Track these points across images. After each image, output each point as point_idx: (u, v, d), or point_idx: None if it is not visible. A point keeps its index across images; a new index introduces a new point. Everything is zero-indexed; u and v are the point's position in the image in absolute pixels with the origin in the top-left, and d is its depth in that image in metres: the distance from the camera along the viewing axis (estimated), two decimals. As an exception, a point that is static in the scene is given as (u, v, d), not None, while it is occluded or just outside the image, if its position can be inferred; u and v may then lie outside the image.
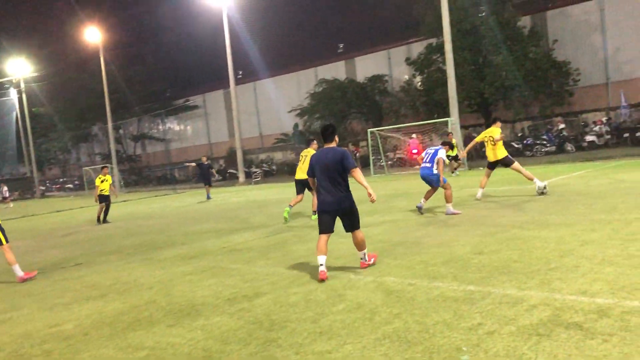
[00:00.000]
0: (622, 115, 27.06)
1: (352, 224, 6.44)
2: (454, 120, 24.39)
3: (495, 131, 11.48)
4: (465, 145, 26.13)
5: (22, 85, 49.91)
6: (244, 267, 7.47)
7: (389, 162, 28.99)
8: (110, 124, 43.23)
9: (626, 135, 25.16)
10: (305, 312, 5.06)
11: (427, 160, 10.47)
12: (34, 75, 49.74)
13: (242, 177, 35.56)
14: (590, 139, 25.82)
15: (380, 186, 19.63)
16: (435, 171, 10.28)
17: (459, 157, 20.11)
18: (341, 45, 47.27)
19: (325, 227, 6.44)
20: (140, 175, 52.66)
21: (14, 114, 56.63)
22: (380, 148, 28.28)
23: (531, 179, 11.53)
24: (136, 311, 5.72)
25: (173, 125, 56.87)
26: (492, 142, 11.41)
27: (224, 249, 9.13)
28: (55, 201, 37.62)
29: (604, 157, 20.11)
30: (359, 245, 6.52)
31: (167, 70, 58.00)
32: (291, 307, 5.24)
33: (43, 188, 53.69)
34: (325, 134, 6.48)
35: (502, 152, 11.51)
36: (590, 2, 31.74)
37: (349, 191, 6.37)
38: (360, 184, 6.28)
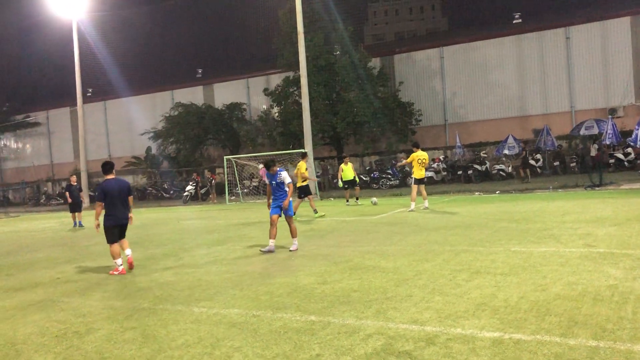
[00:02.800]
0: (456, 155, 29.85)
1: (124, 233, 8.85)
2: (307, 151, 25.10)
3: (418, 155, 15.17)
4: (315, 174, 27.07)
5: None
6: (77, 300, 6.91)
7: (245, 190, 28.96)
8: None
9: (460, 172, 27.73)
10: (142, 348, 4.79)
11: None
12: None
13: (86, 200, 33.17)
14: (429, 175, 28.03)
15: (233, 214, 19.49)
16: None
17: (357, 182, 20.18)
18: (200, 70, 46.77)
19: (116, 237, 8.63)
20: (-34, 196, 46.88)
21: None
22: (236, 176, 28.19)
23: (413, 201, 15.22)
24: (-59, 354, 5.00)
25: (9, 142, 51.69)
26: (423, 164, 15.19)
27: (58, 281, 8.38)
28: None
29: (440, 192, 21.93)
30: (125, 247, 8.76)
31: (7, 82, 52.77)
32: (126, 344, 4.94)
33: None
34: (106, 168, 8.78)
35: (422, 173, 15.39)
36: (432, 49, 34.99)
37: (128, 210, 8.79)
38: (130, 207, 8.86)
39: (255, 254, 9.53)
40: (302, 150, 25.24)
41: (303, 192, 16.13)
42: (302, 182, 16.10)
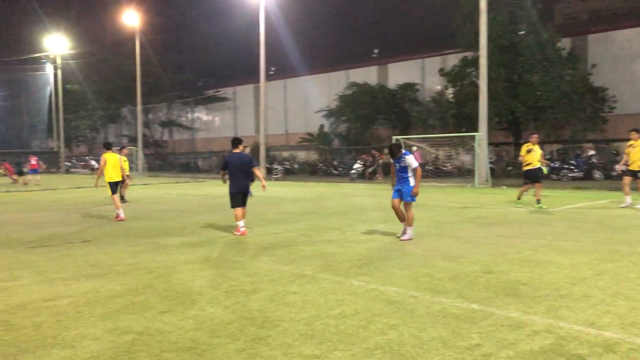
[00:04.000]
0: (655, 148, 26.26)
1: (245, 200, 10.03)
2: (481, 135, 24.00)
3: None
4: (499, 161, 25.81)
5: (59, 61, 50.86)
6: (247, 261, 7.37)
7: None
8: (139, 107, 43.67)
9: (658, 168, 24.38)
10: (301, 313, 4.93)
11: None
12: (71, 53, 50.69)
13: (263, 172, 35.61)
14: (623, 169, 25.07)
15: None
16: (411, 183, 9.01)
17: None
18: (376, 50, 47.05)
19: (239, 203, 9.85)
20: (164, 161, 53.12)
21: (48, 89, 57.97)
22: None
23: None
24: (132, 294, 5.66)
25: (201, 114, 57.22)
26: None
27: (232, 241, 9.06)
28: (78, 178, 38.14)
29: (633, 188, 19.49)
30: (244, 215, 9.87)
31: (201, 60, 58.21)
32: (287, 307, 5.12)
33: (68, 164, 54.43)
34: (235, 143, 10.04)
35: None
36: (634, 29, 30.98)
37: (250, 181, 10.22)
38: (258, 177, 10.33)
39: (416, 236, 9.31)
40: (475, 134, 24.20)
41: (527, 177, 14.39)
42: (525, 166, 14.29)
